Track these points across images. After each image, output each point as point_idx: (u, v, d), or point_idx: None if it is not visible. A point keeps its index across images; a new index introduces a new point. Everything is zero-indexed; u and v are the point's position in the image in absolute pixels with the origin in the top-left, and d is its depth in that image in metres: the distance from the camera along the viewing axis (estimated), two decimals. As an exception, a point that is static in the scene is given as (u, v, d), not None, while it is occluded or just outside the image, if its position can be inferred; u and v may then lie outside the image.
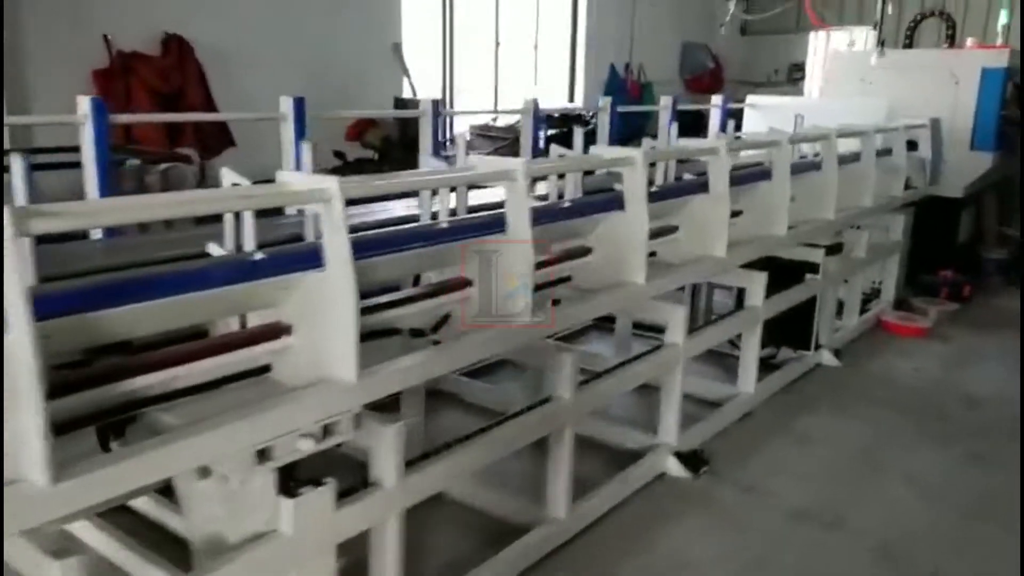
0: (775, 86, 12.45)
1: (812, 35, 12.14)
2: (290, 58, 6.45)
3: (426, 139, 4.30)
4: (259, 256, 2.14)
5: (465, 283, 2.75)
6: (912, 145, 6.38)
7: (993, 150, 6.79)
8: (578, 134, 3.89)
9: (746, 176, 4.29)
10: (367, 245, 2.51)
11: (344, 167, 6.22)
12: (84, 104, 3.28)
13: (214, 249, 2.25)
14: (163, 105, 5.47)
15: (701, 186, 3.73)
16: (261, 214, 2.42)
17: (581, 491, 3.23)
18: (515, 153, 7.62)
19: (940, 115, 6.65)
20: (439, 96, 8.25)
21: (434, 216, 3.06)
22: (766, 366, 4.91)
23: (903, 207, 6.25)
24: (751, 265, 4.56)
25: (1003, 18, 7.32)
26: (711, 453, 3.80)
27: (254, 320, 2.23)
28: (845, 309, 5.73)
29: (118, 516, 2.56)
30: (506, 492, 3.26)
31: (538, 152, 5.29)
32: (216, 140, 5.69)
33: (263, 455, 1.92)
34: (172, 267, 2.08)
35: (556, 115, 7.91)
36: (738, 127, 7.72)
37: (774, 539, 3.18)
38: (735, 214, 4.41)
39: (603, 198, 3.28)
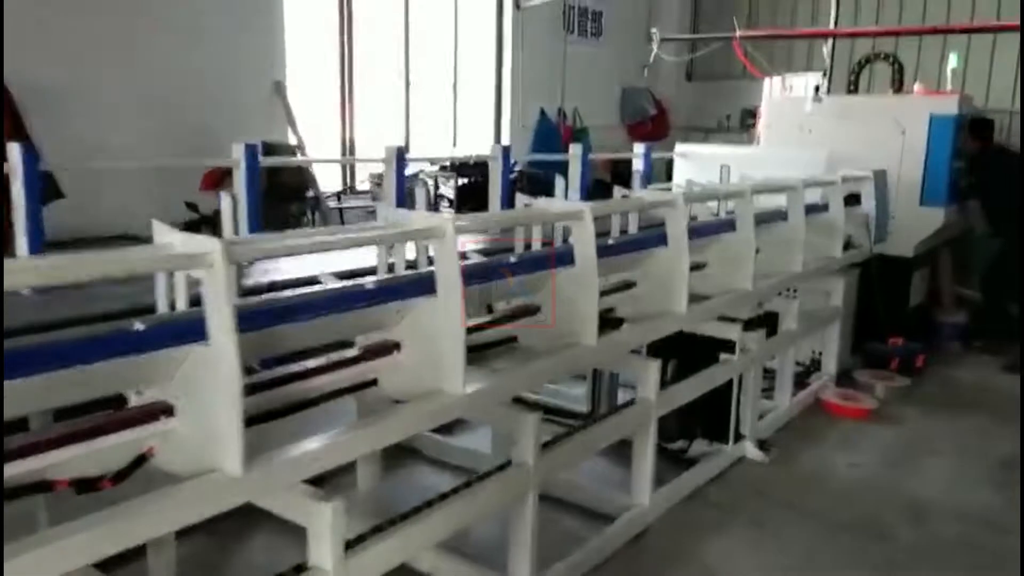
0: (726, 133, 11.92)
1: (767, 81, 11.67)
2: (141, 98, 5.64)
3: (240, 188, 3.52)
4: None
5: (164, 410, 1.92)
6: (855, 200, 5.70)
7: (945, 205, 6.13)
8: (419, 195, 3.11)
9: (635, 242, 3.52)
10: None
11: (200, 221, 5.40)
12: None
13: None
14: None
15: (567, 257, 2.94)
16: None
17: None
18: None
19: (886, 166, 5.99)
20: (340, 142, 7.53)
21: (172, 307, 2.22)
22: (677, 461, 4.13)
23: (844, 269, 5.53)
24: (655, 346, 3.82)
25: (953, 62, 6.72)
26: (581, 600, 2.96)
27: None
28: (777, 388, 4.96)
29: None
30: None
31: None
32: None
33: None
34: None
35: (471, 162, 7.16)
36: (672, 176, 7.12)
37: None
38: (629, 286, 3.68)
39: (412, 279, 2.48)
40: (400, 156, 4.09)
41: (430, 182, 7.05)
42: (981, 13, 9.36)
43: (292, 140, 6.52)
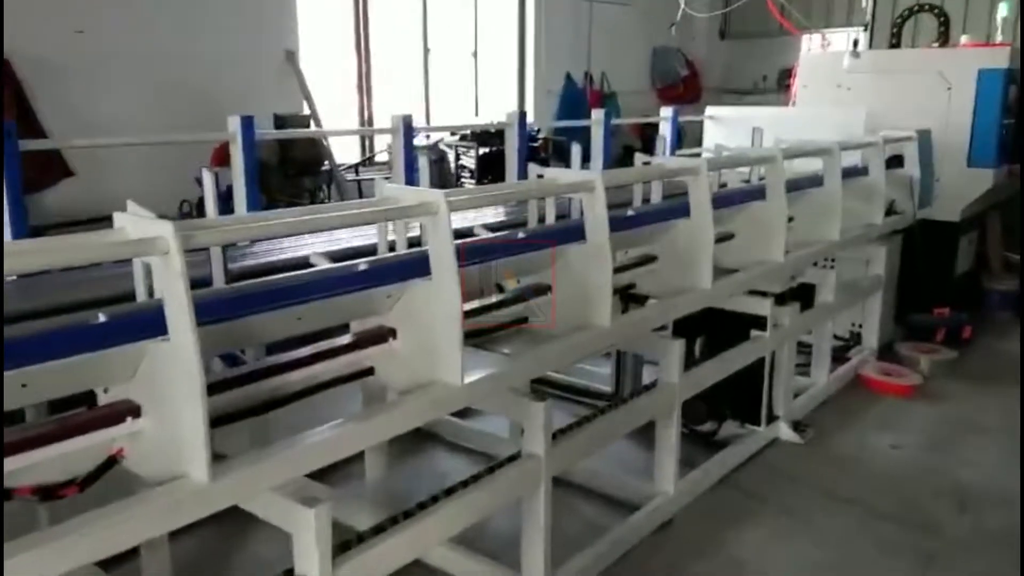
0: (763, 94, 11.49)
1: (805, 38, 11.19)
2: (149, 72, 5.49)
3: (236, 163, 3.36)
4: None
5: (130, 410, 1.77)
6: (897, 162, 5.36)
7: (995, 166, 5.75)
8: (422, 166, 2.91)
9: (655, 213, 3.29)
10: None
11: (211, 198, 5.24)
12: None
13: None
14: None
15: (577, 232, 2.73)
16: None
17: None
18: (438, 174, 6.68)
19: (930, 125, 5.63)
20: (358, 114, 7.33)
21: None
22: (706, 444, 3.93)
23: (886, 236, 5.23)
24: (682, 322, 3.59)
25: (1003, 10, 6.28)
26: (599, 596, 2.79)
27: None
28: (813, 364, 4.71)
29: None
30: None
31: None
32: (43, 170, 4.75)
33: None
34: None
35: (492, 131, 6.92)
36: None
37: None
38: (650, 260, 3.45)
39: (404, 259, 2.30)
40: (408, 126, 3.88)
41: (451, 152, 6.83)
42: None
43: (306, 111, 6.34)
